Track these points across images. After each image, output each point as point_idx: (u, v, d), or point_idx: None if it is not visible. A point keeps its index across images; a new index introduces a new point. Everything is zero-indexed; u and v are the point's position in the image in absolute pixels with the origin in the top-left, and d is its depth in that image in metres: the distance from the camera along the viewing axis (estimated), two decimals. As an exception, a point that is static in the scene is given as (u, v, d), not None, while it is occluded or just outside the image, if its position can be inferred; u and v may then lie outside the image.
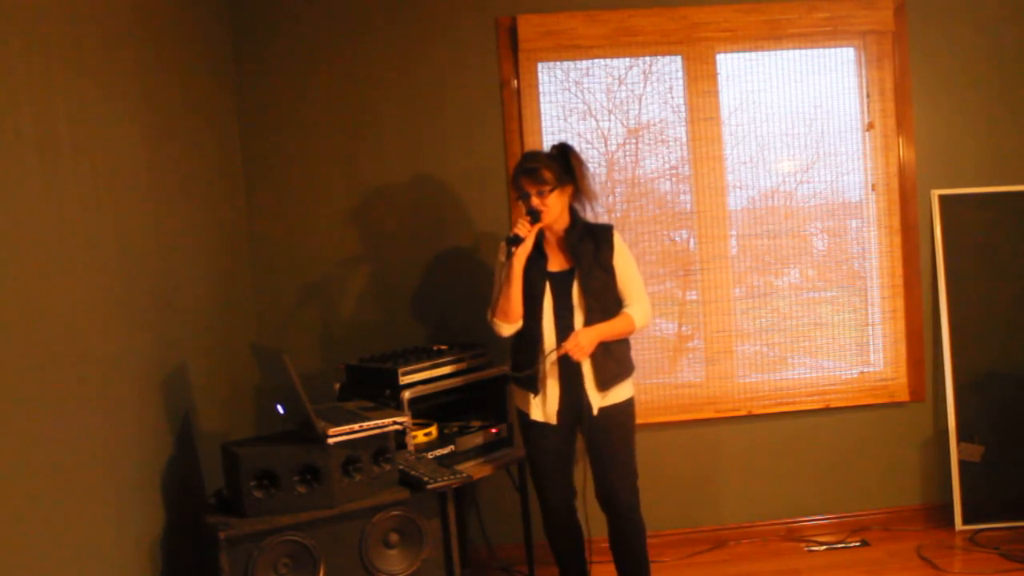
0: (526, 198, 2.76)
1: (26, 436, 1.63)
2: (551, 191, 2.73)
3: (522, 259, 2.76)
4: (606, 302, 2.79)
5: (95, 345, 1.98)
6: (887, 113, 3.66)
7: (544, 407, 2.83)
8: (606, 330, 2.76)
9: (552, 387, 2.81)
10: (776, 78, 3.68)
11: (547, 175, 2.73)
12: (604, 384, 2.77)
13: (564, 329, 2.76)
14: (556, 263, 2.84)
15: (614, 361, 2.79)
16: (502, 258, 2.86)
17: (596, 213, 2.90)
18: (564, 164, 2.78)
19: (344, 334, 3.52)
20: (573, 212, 2.85)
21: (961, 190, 3.66)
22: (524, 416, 2.90)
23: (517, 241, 2.72)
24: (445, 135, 3.53)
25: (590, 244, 2.80)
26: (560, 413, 2.81)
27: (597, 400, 2.78)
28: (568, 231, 2.83)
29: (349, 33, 3.49)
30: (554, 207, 2.75)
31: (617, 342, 2.81)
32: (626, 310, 2.81)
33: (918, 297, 3.68)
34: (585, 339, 2.71)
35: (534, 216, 2.75)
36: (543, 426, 2.84)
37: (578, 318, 2.76)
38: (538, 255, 2.82)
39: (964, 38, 3.64)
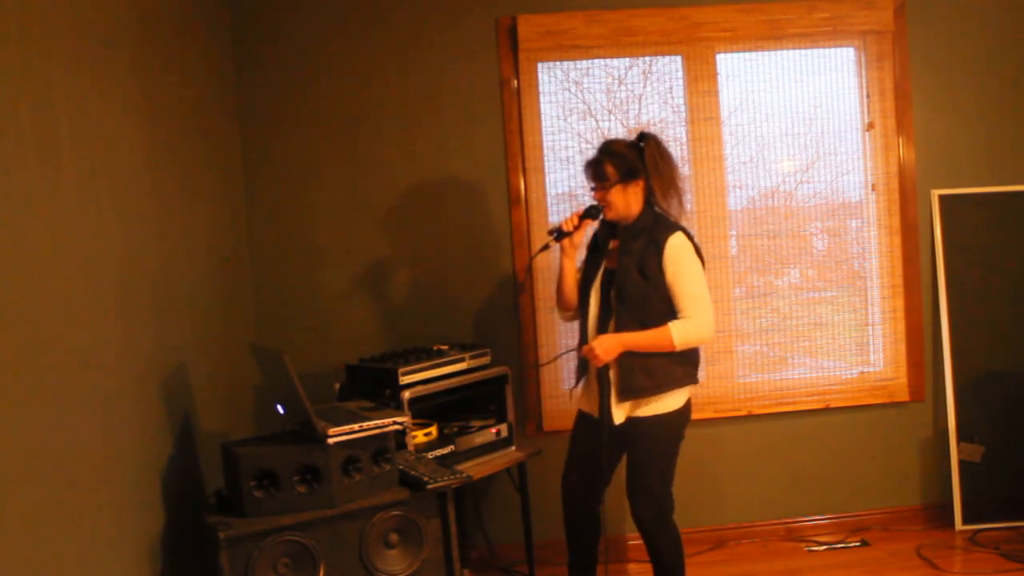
0: (592, 191, 2.72)
1: (25, 436, 1.63)
2: (611, 187, 2.65)
3: (571, 253, 2.76)
4: (641, 310, 2.63)
5: (95, 345, 1.97)
6: (887, 113, 3.66)
7: (590, 400, 2.82)
8: (632, 340, 2.60)
9: (592, 382, 2.79)
10: (776, 78, 3.68)
11: (609, 170, 2.65)
12: (624, 395, 2.66)
13: (604, 328, 2.70)
14: (614, 259, 2.74)
15: (644, 374, 2.62)
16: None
17: (682, 209, 2.73)
18: (643, 156, 2.66)
19: (344, 334, 3.52)
20: (650, 209, 2.70)
21: (961, 190, 3.66)
22: (578, 410, 2.90)
23: (558, 235, 2.71)
24: (445, 135, 3.53)
25: (641, 245, 2.64)
26: (600, 410, 2.76)
27: (619, 410, 2.70)
28: (626, 227, 2.70)
29: (349, 33, 3.49)
30: (617, 203, 2.66)
31: (656, 355, 2.62)
32: (669, 323, 2.60)
33: (918, 297, 3.68)
34: (600, 347, 2.60)
35: (590, 212, 2.71)
36: (586, 416, 2.83)
37: (613, 321, 2.67)
38: (594, 248, 2.80)
39: (964, 38, 3.64)
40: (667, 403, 2.68)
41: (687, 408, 2.74)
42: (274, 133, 3.49)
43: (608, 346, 2.61)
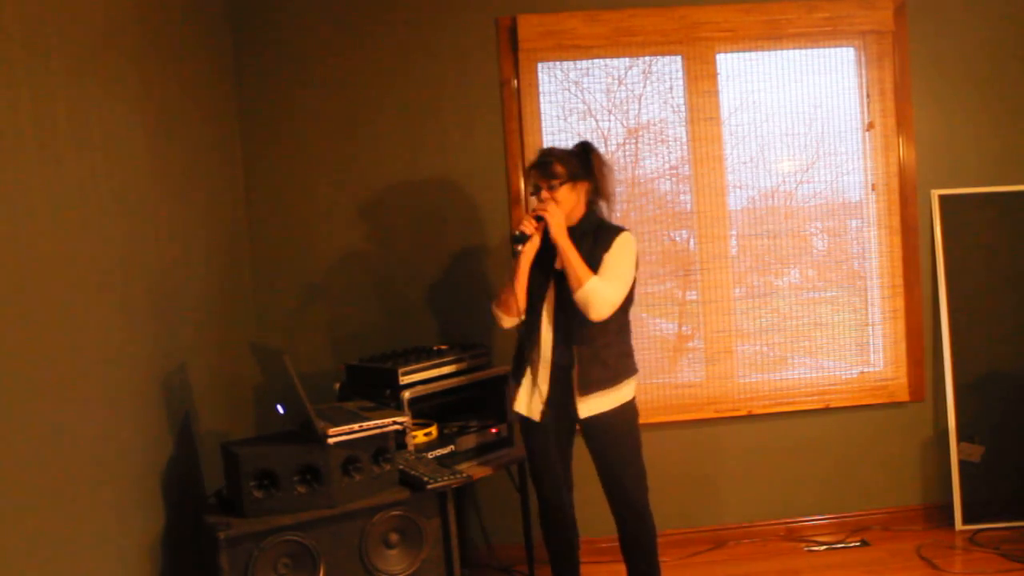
0: (537, 192, 2.74)
1: (26, 436, 1.63)
2: (561, 185, 2.70)
3: (529, 256, 2.73)
4: None
5: (95, 345, 1.98)
6: (887, 113, 3.66)
7: (529, 403, 2.80)
8: (571, 250, 2.63)
9: (542, 385, 2.77)
10: (776, 78, 3.68)
11: (558, 169, 2.70)
12: (584, 389, 2.69)
13: (563, 324, 2.72)
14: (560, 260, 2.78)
15: (601, 366, 2.70)
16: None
17: (613, 215, 2.84)
18: (584, 161, 2.75)
19: (344, 334, 3.52)
20: (591, 211, 2.78)
21: (961, 190, 3.66)
22: (521, 420, 2.86)
23: (522, 239, 2.68)
24: (445, 135, 3.53)
25: (588, 243, 2.72)
26: (544, 412, 2.77)
27: (583, 404, 2.71)
28: (573, 228, 2.75)
29: (349, 33, 3.49)
30: (566, 202, 2.71)
31: (608, 347, 2.71)
32: (594, 275, 2.66)
33: (918, 297, 3.68)
34: (556, 215, 2.66)
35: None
36: (529, 422, 2.81)
37: (574, 317, 2.70)
38: (546, 250, 2.78)
39: (964, 38, 3.64)
40: (623, 393, 2.75)
41: (635, 398, 2.83)
42: (274, 133, 3.49)
43: (559, 221, 2.66)
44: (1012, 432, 3.61)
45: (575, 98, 3.64)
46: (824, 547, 3.54)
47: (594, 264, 2.67)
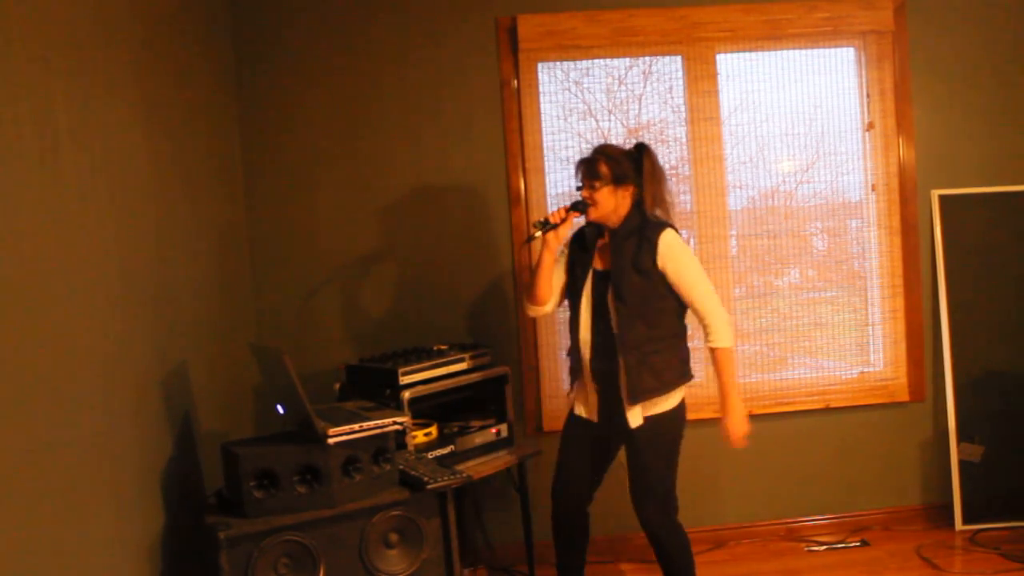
0: (580, 187, 2.71)
1: (25, 436, 1.63)
2: (603, 186, 2.65)
3: (552, 246, 2.71)
4: (640, 307, 2.63)
5: (95, 345, 1.97)
6: (887, 113, 3.66)
7: (586, 404, 2.80)
8: (731, 384, 2.68)
9: (590, 392, 2.76)
10: (776, 78, 3.68)
11: (603, 169, 2.65)
12: (634, 398, 2.64)
13: (601, 328, 2.67)
14: (602, 261, 2.74)
15: (651, 374, 2.63)
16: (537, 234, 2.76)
17: (671, 219, 2.76)
18: (636, 164, 2.69)
19: (344, 334, 3.52)
20: (638, 212, 2.70)
21: (961, 190, 3.66)
22: (570, 413, 2.86)
23: (544, 226, 2.67)
24: (445, 135, 3.53)
25: (633, 244, 2.64)
26: (600, 414, 2.76)
27: (632, 413, 2.66)
28: (614, 229, 2.70)
29: (349, 33, 3.49)
30: (604, 204, 2.66)
31: (658, 353, 2.65)
32: (708, 341, 2.66)
33: (918, 297, 3.68)
34: (732, 426, 2.69)
35: (577, 206, 2.69)
36: (576, 420, 2.82)
37: (613, 322, 2.65)
38: (581, 250, 2.77)
39: (964, 38, 3.64)
40: (668, 401, 2.69)
41: (684, 404, 2.76)
42: (274, 133, 3.49)
43: (738, 420, 2.69)
44: (1012, 432, 3.61)
45: (575, 98, 3.64)
46: (824, 547, 3.54)
47: (645, 271, 2.62)
